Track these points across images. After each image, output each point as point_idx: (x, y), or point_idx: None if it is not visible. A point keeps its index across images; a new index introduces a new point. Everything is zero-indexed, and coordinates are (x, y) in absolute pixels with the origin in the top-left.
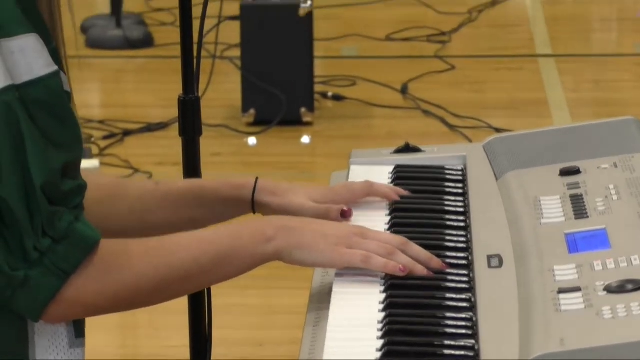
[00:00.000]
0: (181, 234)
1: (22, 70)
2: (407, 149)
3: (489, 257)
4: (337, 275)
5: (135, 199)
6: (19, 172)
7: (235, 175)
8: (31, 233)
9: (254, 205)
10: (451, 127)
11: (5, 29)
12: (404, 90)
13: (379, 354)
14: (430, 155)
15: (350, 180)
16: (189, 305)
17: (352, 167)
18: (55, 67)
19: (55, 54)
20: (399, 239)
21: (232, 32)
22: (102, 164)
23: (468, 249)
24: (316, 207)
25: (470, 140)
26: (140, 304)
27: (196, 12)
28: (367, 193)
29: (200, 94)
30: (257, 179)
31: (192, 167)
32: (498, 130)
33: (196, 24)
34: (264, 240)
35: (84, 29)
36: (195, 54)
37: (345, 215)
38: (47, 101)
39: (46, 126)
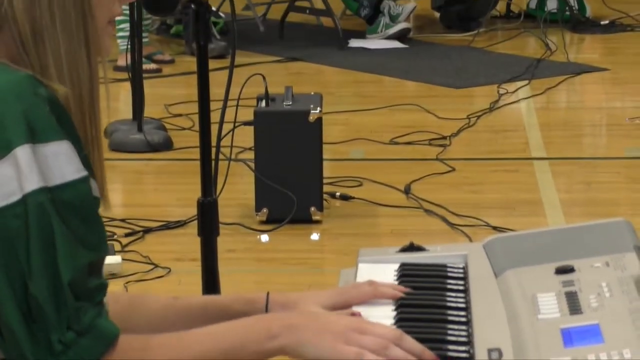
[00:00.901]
0: (196, 330)
1: (54, 173)
2: (412, 248)
3: (489, 351)
4: None
5: (153, 312)
6: (49, 270)
7: (248, 274)
8: (57, 327)
9: None
10: (451, 225)
11: (40, 135)
12: (407, 191)
13: None
14: (434, 254)
15: (358, 277)
16: None
17: (360, 265)
18: (85, 173)
19: (86, 161)
20: (393, 333)
21: (246, 136)
22: (124, 259)
23: (469, 343)
24: None
25: (469, 238)
26: None
27: (212, 117)
28: (373, 295)
29: (216, 194)
30: (268, 293)
31: (209, 264)
32: (496, 229)
33: (213, 129)
34: (270, 337)
35: (108, 133)
36: (213, 156)
37: None
38: (76, 204)
39: (75, 227)
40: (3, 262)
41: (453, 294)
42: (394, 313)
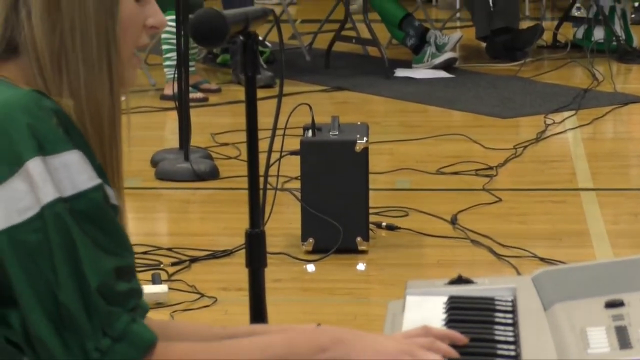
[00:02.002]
0: (241, 340)
1: (67, 184)
2: (460, 280)
3: None
4: None
5: (203, 338)
6: (75, 277)
7: (294, 304)
8: (91, 334)
9: None
10: (498, 256)
11: (50, 147)
12: (453, 221)
13: None
14: (482, 286)
15: (406, 310)
16: None
17: (408, 298)
18: (98, 181)
19: (101, 170)
20: None
21: (292, 166)
22: (170, 289)
23: None
24: None
25: (516, 269)
26: None
27: (259, 147)
28: (429, 347)
29: (263, 225)
30: (318, 325)
31: (257, 295)
32: (542, 260)
33: (260, 158)
34: (319, 350)
35: (154, 162)
36: (260, 186)
37: None
38: (92, 213)
39: (94, 235)
40: (27, 276)
41: (502, 328)
42: None
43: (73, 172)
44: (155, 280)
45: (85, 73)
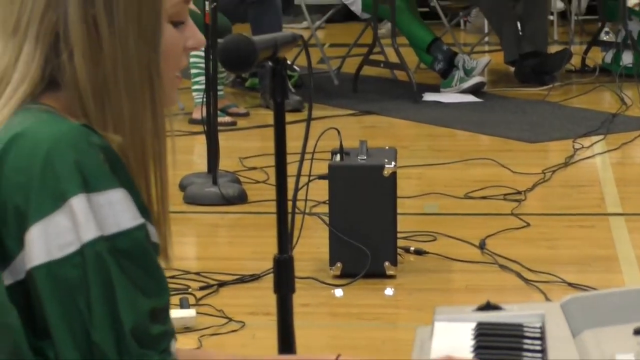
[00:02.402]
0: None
1: (110, 222)
2: (488, 307)
3: None
4: None
5: None
6: (110, 317)
7: (322, 328)
8: None
9: None
10: (526, 281)
11: (94, 184)
12: (481, 246)
13: None
14: (510, 313)
15: (434, 336)
16: None
17: (437, 324)
18: (141, 220)
19: (144, 208)
20: None
21: (320, 190)
22: (198, 313)
23: None
24: None
25: (544, 294)
26: None
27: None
28: None
29: (291, 251)
30: (338, 356)
31: (284, 320)
32: (571, 285)
33: (289, 182)
34: None
35: (182, 186)
36: (289, 210)
37: None
38: (133, 252)
39: (133, 275)
40: (63, 312)
41: (530, 354)
42: None
43: (117, 211)
44: (183, 305)
45: (128, 108)
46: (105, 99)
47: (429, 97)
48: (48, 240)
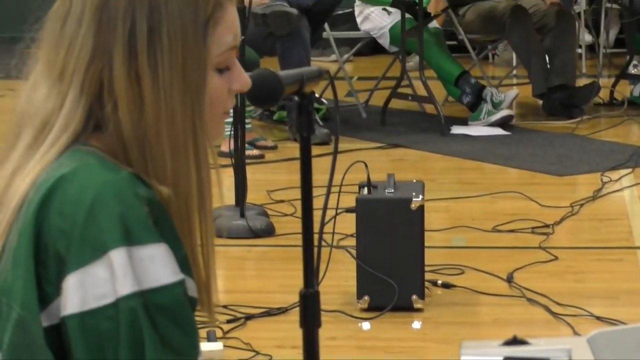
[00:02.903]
0: None
1: (149, 277)
2: (515, 341)
3: None
4: None
5: None
6: None
7: None
8: None
9: None
10: (554, 314)
11: (136, 238)
12: (509, 279)
13: None
14: (537, 347)
15: None
16: None
17: (463, 359)
18: (181, 276)
19: (185, 260)
20: None
21: (347, 223)
22: (225, 346)
23: None
24: None
25: (572, 328)
26: None
27: (314, 204)
28: None
29: (318, 284)
30: None
31: (311, 354)
32: (599, 319)
33: (315, 215)
34: None
35: None
36: (316, 243)
37: None
38: (170, 308)
39: (166, 331)
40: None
41: None
42: None
43: (157, 266)
44: (210, 338)
45: (171, 161)
46: (147, 151)
47: (457, 130)
48: (84, 290)
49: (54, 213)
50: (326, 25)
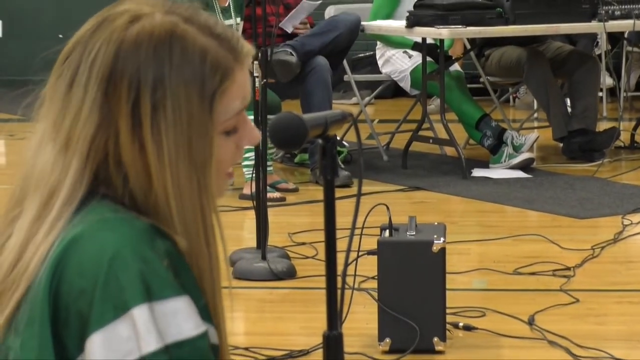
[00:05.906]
0: None
1: (172, 331)
2: None
3: None
4: None
5: None
6: None
7: None
8: None
9: None
10: (576, 357)
11: (157, 293)
12: (530, 322)
13: None
14: None
15: None
16: None
17: None
18: (203, 328)
19: (206, 309)
20: None
21: (369, 265)
22: None
23: None
24: None
25: None
26: None
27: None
28: None
29: (341, 327)
30: None
31: None
32: None
33: (339, 257)
34: None
35: (232, 261)
36: (338, 285)
37: None
38: None
39: None
40: None
41: None
42: None
43: (179, 320)
44: None
45: (180, 226)
46: (157, 213)
47: (478, 172)
48: (108, 350)
49: (73, 274)
50: (347, 68)
